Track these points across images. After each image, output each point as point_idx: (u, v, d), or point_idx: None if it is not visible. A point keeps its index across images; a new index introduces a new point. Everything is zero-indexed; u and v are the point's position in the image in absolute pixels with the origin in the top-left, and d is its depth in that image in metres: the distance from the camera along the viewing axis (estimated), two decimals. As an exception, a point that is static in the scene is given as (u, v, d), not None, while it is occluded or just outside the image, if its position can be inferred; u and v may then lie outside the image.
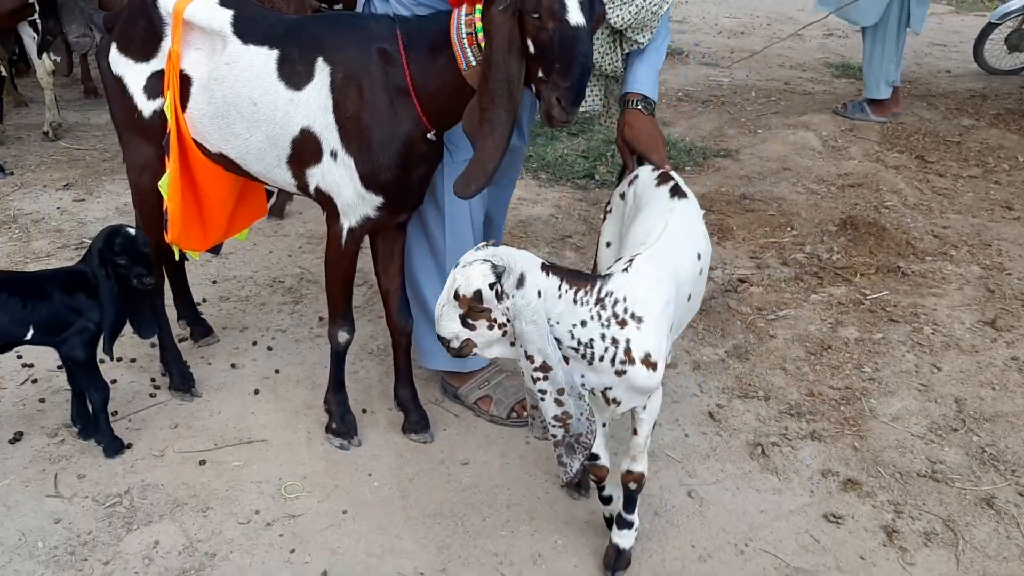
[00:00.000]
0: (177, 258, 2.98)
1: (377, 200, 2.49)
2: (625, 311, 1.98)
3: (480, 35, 2.21)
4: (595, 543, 2.43)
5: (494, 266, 1.88)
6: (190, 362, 3.10)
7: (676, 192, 2.32)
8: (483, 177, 2.22)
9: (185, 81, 2.58)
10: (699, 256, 2.24)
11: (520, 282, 1.89)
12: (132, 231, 2.62)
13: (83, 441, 2.77)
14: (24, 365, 3.13)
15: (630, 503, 2.29)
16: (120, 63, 2.69)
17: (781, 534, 2.49)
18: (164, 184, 2.68)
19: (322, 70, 2.43)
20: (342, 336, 2.73)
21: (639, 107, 2.61)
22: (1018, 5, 7.09)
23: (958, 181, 5.08)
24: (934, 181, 5.06)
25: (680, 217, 2.24)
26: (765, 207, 4.63)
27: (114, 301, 2.59)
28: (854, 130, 5.89)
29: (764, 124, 6.07)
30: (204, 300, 3.58)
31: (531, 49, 2.13)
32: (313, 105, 2.44)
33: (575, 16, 2.07)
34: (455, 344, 1.99)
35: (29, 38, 5.14)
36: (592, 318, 1.97)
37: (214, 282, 3.80)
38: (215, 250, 3.08)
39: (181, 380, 3.01)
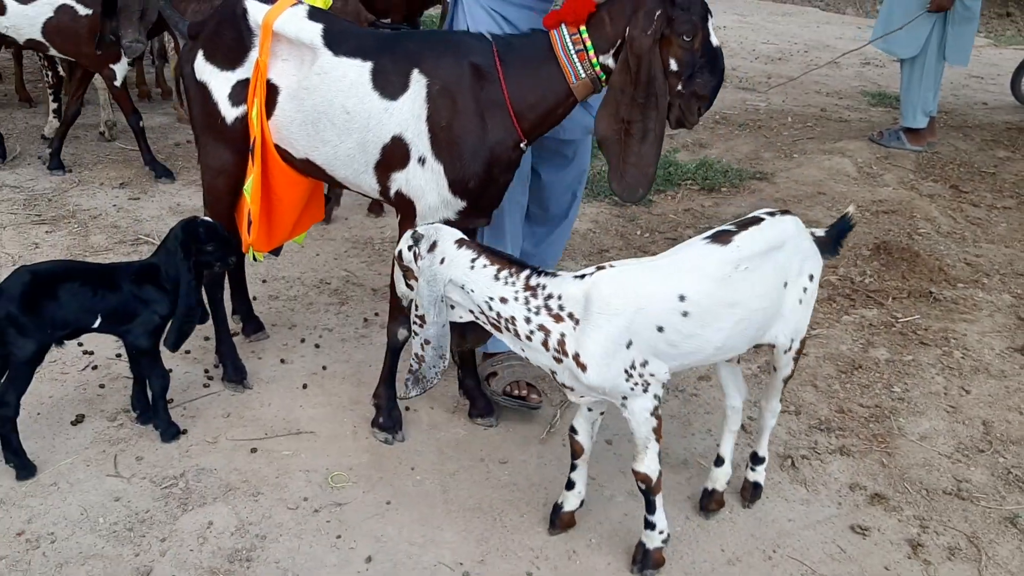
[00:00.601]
0: (252, 259, 3.10)
1: (460, 205, 2.63)
2: (561, 308, 2.18)
3: (592, 52, 2.46)
4: (628, 543, 2.52)
5: (414, 233, 2.28)
6: (242, 356, 3.23)
7: (717, 236, 2.26)
8: (646, 180, 2.52)
9: (272, 90, 2.72)
10: (682, 297, 2.16)
11: (431, 248, 2.23)
12: (209, 220, 2.82)
13: (141, 426, 2.90)
14: (85, 352, 3.28)
15: (647, 505, 2.38)
16: (206, 70, 2.82)
17: (808, 543, 2.57)
18: (249, 188, 2.80)
19: (418, 81, 2.57)
20: (401, 333, 2.84)
21: None
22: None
23: (992, 211, 5.14)
24: (968, 210, 5.13)
25: (690, 255, 2.24)
26: (799, 230, 4.71)
27: (192, 292, 2.74)
28: (889, 158, 5.96)
29: (800, 149, 6.16)
30: (255, 298, 3.71)
31: (673, 66, 2.40)
32: (407, 114, 2.58)
33: (715, 39, 2.43)
34: (405, 303, 2.35)
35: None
36: (515, 299, 2.20)
37: (264, 281, 3.94)
38: (276, 251, 3.21)
39: (234, 372, 3.15)
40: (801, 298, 2.38)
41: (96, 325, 2.71)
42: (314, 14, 2.71)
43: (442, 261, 2.23)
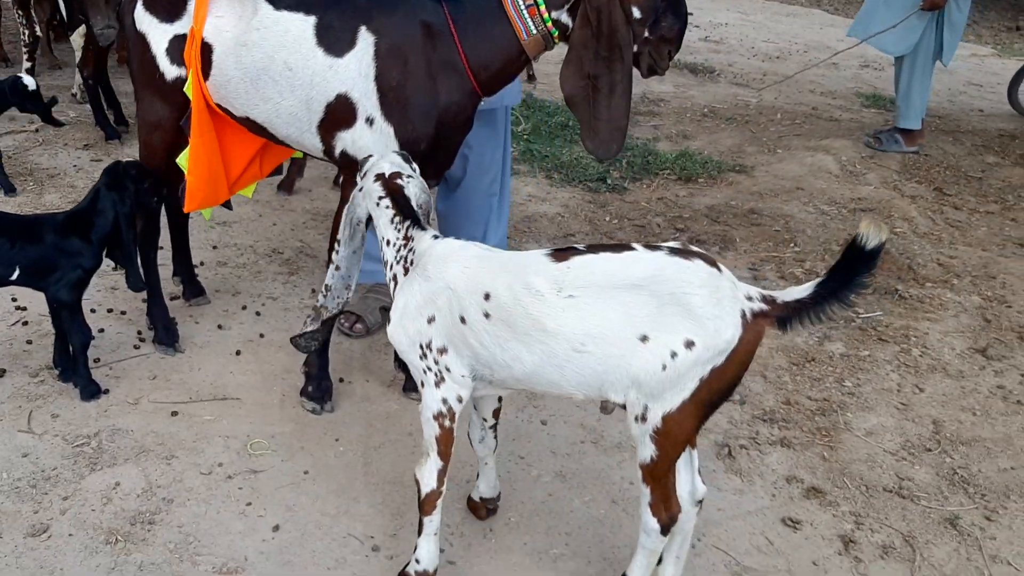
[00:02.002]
0: (208, 220, 3.00)
1: None
2: (412, 263, 2.14)
3: (543, 7, 2.43)
4: (549, 523, 2.44)
5: (368, 157, 2.32)
6: (178, 319, 3.15)
7: (560, 251, 1.96)
8: (620, 135, 2.48)
9: (206, 49, 2.63)
10: (487, 296, 1.96)
11: (364, 175, 2.27)
12: (137, 160, 2.84)
13: (63, 383, 2.82)
14: (17, 308, 3.20)
15: (418, 525, 2.17)
16: (145, 20, 2.74)
17: (735, 533, 2.48)
18: (184, 159, 2.70)
19: (365, 39, 2.49)
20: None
21: None
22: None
23: (973, 215, 5.03)
24: (949, 213, 5.01)
25: (525, 259, 1.99)
26: (772, 223, 4.61)
27: (130, 232, 2.74)
28: (874, 158, 5.84)
29: (784, 145, 6.05)
30: (202, 263, 3.63)
31: (636, 14, 2.38)
32: (353, 72, 2.51)
33: None
34: None
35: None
36: (394, 245, 2.18)
37: (214, 247, 3.85)
38: (227, 204, 3.08)
39: (165, 334, 3.05)
40: (667, 364, 1.84)
41: (14, 278, 2.63)
42: None
43: (360, 190, 2.25)
